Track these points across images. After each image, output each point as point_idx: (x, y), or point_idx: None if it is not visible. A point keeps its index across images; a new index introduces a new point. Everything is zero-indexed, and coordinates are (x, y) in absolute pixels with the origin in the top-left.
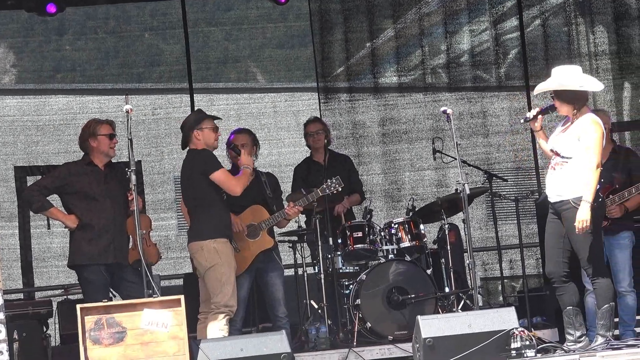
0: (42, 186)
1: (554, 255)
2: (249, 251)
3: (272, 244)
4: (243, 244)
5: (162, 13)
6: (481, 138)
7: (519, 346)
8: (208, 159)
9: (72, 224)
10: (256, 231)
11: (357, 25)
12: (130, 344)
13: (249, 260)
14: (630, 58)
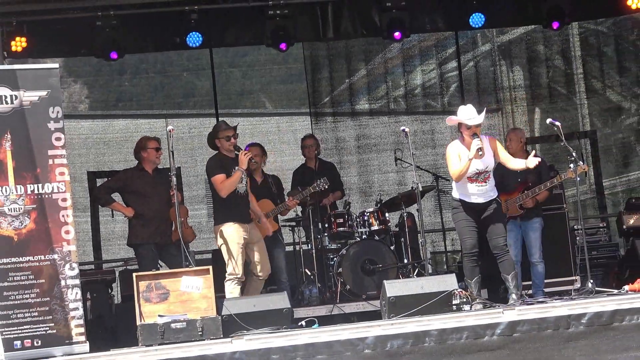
0: (107, 187)
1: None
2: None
3: (276, 227)
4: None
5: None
6: (430, 149)
7: (458, 302)
8: (209, 166)
9: (130, 214)
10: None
11: (338, 66)
12: (172, 302)
13: None
14: (539, 90)
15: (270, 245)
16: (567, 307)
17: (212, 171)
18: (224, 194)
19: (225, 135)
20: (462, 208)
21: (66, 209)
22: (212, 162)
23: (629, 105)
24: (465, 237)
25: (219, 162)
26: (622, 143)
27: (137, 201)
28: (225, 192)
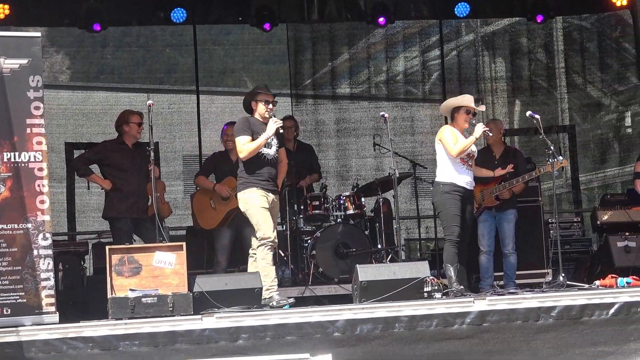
0: (85, 158)
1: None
2: (221, 210)
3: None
4: (219, 204)
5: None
6: (409, 136)
7: (430, 290)
8: (237, 126)
9: (107, 187)
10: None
11: (321, 49)
12: (145, 276)
13: (221, 215)
14: (521, 82)
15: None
16: (538, 299)
17: (237, 132)
18: (244, 157)
19: (265, 99)
20: (452, 193)
21: (42, 179)
22: (241, 123)
23: (608, 102)
24: (452, 223)
25: (248, 123)
26: (600, 139)
27: (115, 175)
28: (245, 155)
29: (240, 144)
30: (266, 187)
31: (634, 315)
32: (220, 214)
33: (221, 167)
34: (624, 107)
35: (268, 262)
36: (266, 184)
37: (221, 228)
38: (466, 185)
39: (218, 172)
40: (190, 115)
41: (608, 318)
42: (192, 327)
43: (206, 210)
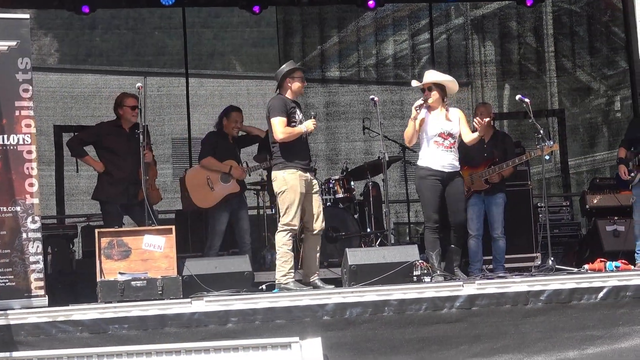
0: (80, 139)
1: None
2: (220, 192)
3: (238, 189)
4: (217, 186)
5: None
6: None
7: (419, 273)
8: (273, 105)
9: (100, 169)
10: (228, 179)
11: (311, 32)
12: (134, 259)
13: (219, 198)
14: (510, 66)
15: (237, 206)
16: (527, 283)
17: (274, 112)
18: (281, 138)
19: (302, 77)
20: (429, 177)
21: (31, 162)
22: (276, 102)
23: (598, 86)
24: (428, 208)
25: (284, 104)
26: (590, 123)
27: (108, 158)
28: (282, 138)
29: (279, 125)
30: (306, 167)
31: (623, 300)
32: (218, 196)
33: (220, 148)
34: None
35: (289, 248)
36: (305, 164)
37: (219, 212)
38: (443, 167)
39: (217, 152)
40: (179, 98)
41: (597, 302)
42: (182, 311)
43: (202, 188)
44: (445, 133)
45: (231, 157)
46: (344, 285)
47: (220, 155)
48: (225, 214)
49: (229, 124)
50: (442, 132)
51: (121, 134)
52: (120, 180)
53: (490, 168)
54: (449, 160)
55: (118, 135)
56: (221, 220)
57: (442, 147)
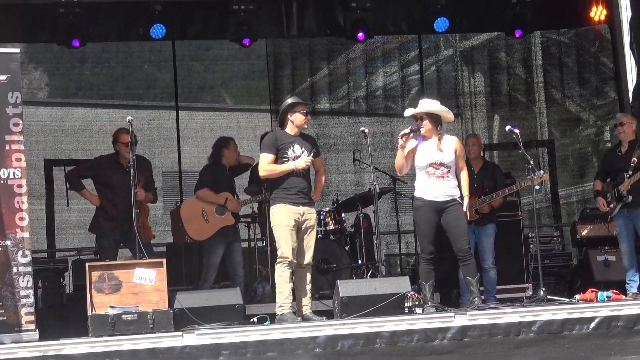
0: (78, 172)
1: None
2: (215, 224)
3: (233, 222)
4: (212, 218)
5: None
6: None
7: (411, 305)
8: (264, 141)
9: (96, 203)
10: (223, 211)
11: (301, 65)
12: (125, 293)
13: (214, 230)
14: (500, 97)
15: (232, 238)
16: (518, 314)
17: (262, 148)
18: (262, 175)
19: (304, 110)
20: (422, 208)
21: (21, 196)
22: (267, 139)
23: (587, 117)
24: (422, 239)
25: (274, 139)
26: (579, 153)
27: (104, 192)
28: (263, 174)
29: (263, 162)
30: (295, 201)
31: (615, 330)
32: (213, 228)
33: (217, 180)
34: (602, 121)
35: (284, 280)
36: (295, 197)
37: (215, 244)
38: (435, 197)
39: (215, 184)
40: (170, 131)
41: (589, 332)
42: (173, 344)
43: (197, 220)
44: (437, 163)
45: (227, 189)
46: (336, 317)
47: (217, 187)
48: (221, 246)
49: (231, 154)
50: (432, 162)
51: (118, 169)
52: (114, 218)
53: (481, 198)
54: (442, 190)
55: (115, 170)
56: (217, 252)
57: (434, 177)
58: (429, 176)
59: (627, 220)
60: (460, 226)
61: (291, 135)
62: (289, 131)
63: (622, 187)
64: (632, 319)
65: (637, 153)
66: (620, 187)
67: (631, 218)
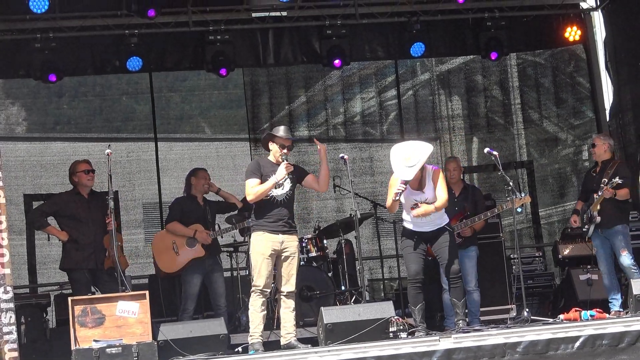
0: (42, 211)
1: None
2: (185, 256)
3: (203, 254)
4: (183, 250)
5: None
6: (369, 177)
7: (395, 330)
8: (248, 168)
9: (64, 238)
10: (194, 243)
11: (278, 93)
12: (108, 326)
13: (183, 262)
14: (477, 119)
15: (210, 268)
16: (503, 335)
17: (246, 174)
18: (251, 199)
19: (281, 143)
20: (410, 235)
21: (1, 232)
22: (250, 165)
23: (565, 136)
24: (410, 263)
25: (258, 166)
26: (559, 173)
27: (71, 225)
28: (252, 198)
29: (249, 187)
30: (274, 229)
31: (599, 348)
32: (182, 260)
33: (187, 212)
34: (580, 141)
35: (255, 309)
36: (274, 225)
37: (190, 275)
38: (421, 228)
39: (185, 216)
40: (149, 163)
41: (574, 351)
42: None
43: (167, 252)
44: (420, 202)
45: (198, 220)
46: (321, 344)
47: (187, 219)
48: (197, 276)
49: (199, 182)
50: (415, 202)
51: (81, 201)
52: (86, 246)
53: (462, 221)
54: (429, 221)
55: (78, 202)
56: (193, 283)
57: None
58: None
59: (604, 240)
60: (452, 249)
61: (274, 163)
62: (271, 159)
63: (591, 208)
64: (616, 337)
65: (608, 173)
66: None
67: (607, 237)
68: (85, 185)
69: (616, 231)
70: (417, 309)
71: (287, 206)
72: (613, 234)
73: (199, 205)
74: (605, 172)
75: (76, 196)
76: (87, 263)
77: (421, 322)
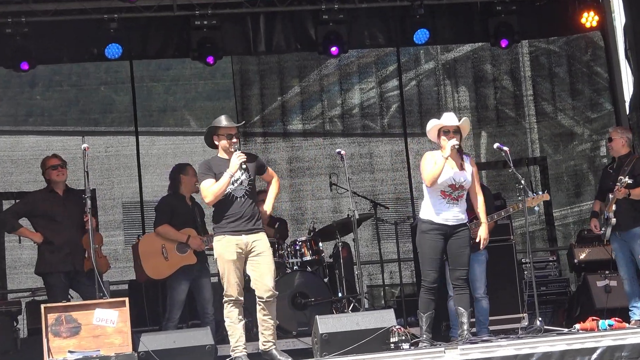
0: (13, 211)
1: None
2: (175, 262)
3: (195, 261)
4: (172, 256)
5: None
6: (368, 174)
7: (397, 340)
8: (198, 170)
9: (38, 240)
10: (185, 249)
11: (270, 83)
12: (84, 336)
13: (173, 269)
14: (486, 112)
15: (198, 274)
16: (514, 346)
17: (200, 177)
18: (209, 201)
19: (226, 133)
20: (430, 232)
21: None
22: (201, 167)
23: (581, 131)
24: (427, 267)
25: (208, 166)
26: (574, 171)
27: (46, 226)
28: (209, 200)
29: (205, 188)
30: (237, 229)
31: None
32: (172, 266)
33: (177, 213)
34: (598, 135)
35: (232, 321)
36: (236, 225)
37: (177, 281)
38: (446, 221)
39: (176, 219)
40: (129, 159)
41: None
42: None
43: (155, 257)
44: (457, 184)
45: (189, 224)
46: (315, 356)
47: (178, 221)
48: (184, 282)
49: (189, 180)
50: (453, 182)
51: (55, 199)
52: (62, 247)
53: (473, 222)
54: (454, 213)
55: (52, 200)
56: (179, 289)
57: (449, 198)
58: (444, 197)
59: (622, 243)
60: (464, 254)
61: (226, 160)
62: (221, 156)
63: (607, 209)
64: (636, 349)
65: (625, 170)
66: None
67: (625, 240)
68: (56, 182)
69: (634, 234)
70: (426, 316)
71: (249, 202)
72: (631, 237)
73: (188, 206)
74: (622, 169)
75: (50, 194)
76: (64, 266)
77: (427, 332)
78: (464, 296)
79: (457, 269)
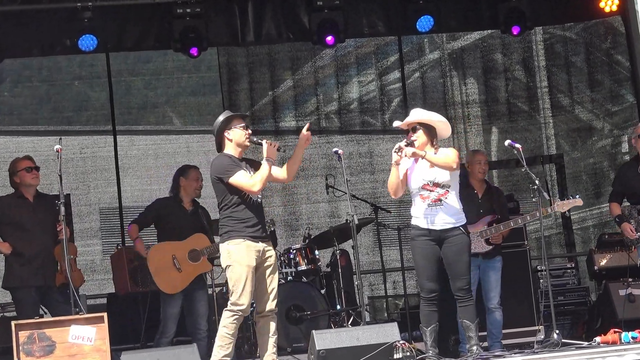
0: None
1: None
2: (189, 273)
3: (210, 268)
4: (185, 266)
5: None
6: (368, 175)
7: (401, 357)
8: (221, 165)
9: (6, 251)
10: (198, 256)
11: (260, 76)
12: (59, 355)
13: (188, 280)
14: (497, 106)
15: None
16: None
17: (228, 171)
18: (258, 189)
19: (240, 124)
20: (418, 238)
21: None
22: (224, 160)
23: (601, 125)
24: (422, 277)
25: (233, 159)
26: (594, 169)
27: (14, 235)
28: (259, 187)
29: (245, 178)
30: (255, 235)
31: None
32: (188, 277)
33: (171, 218)
34: (619, 130)
35: (229, 332)
36: (254, 231)
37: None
38: (433, 225)
39: (167, 223)
40: (107, 161)
41: None
42: None
43: (167, 270)
44: (430, 184)
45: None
46: None
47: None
48: (179, 294)
49: (189, 184)
50: (425, 183)
51: (25, 206)
52: (32, 258)
53: (494, 226)
54: (441, 217)
55: (21, 207)
56: (174, 302)
57: (429, 200)
58: (424, 200)
59: None
60: (462, 262)
61: (239, 159)
62: (232, 153)
63: None
64: None
65: None
66: None
67: None
68: (29, 186)
69: None
70: (430, 330)
71: (261, 208)
72: None
73: (184, 210)
74: None
75: (19, 200)
76: (35, 280)
77: (432, 347)
78: (469, 307)
79: (456, 279)
